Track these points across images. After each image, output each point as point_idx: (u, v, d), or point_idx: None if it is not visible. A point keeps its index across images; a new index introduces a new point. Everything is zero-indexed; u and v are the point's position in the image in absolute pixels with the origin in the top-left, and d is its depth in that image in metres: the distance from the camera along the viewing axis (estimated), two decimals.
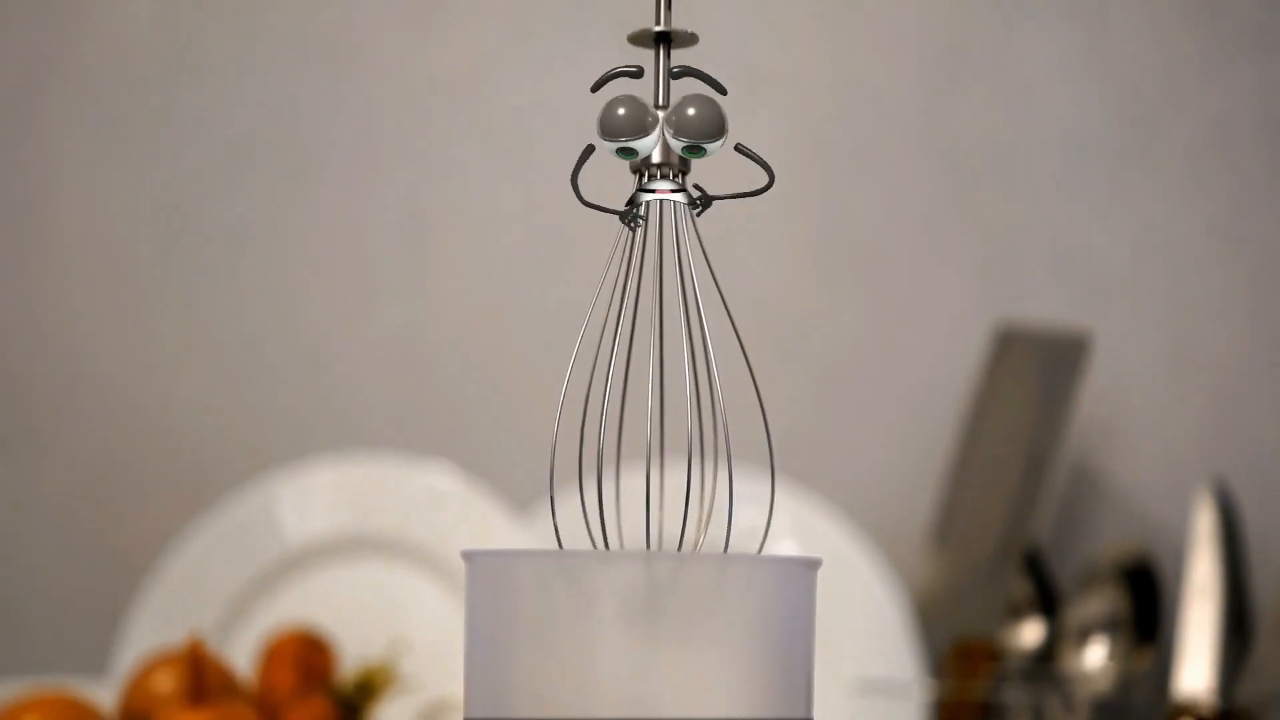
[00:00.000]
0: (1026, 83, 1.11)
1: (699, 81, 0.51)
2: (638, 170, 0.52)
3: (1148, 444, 1.07)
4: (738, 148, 0.52)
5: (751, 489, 1.05)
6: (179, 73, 1.23)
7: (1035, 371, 1.03)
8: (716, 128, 0.50)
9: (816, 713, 0.53)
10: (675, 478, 0.54)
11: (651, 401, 0.53)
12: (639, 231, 0.51)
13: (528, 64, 1.19)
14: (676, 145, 0.51)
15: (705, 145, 0.51)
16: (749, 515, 1.05)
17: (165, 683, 0.90)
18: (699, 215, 0.51)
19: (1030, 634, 0.99)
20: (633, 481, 0.52)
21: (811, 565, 0.52)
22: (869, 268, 1.13)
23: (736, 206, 0.54)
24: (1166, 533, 1.03)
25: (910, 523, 1.08)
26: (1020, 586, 1.00)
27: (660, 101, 0.52)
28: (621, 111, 0.50)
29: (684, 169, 0.52)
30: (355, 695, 0.93)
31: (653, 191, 0.50)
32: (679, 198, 0.51)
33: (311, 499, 1.09)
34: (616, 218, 0.52)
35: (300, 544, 1.08)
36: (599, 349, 0.52)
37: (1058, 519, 1.06)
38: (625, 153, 0.51)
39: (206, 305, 1.22)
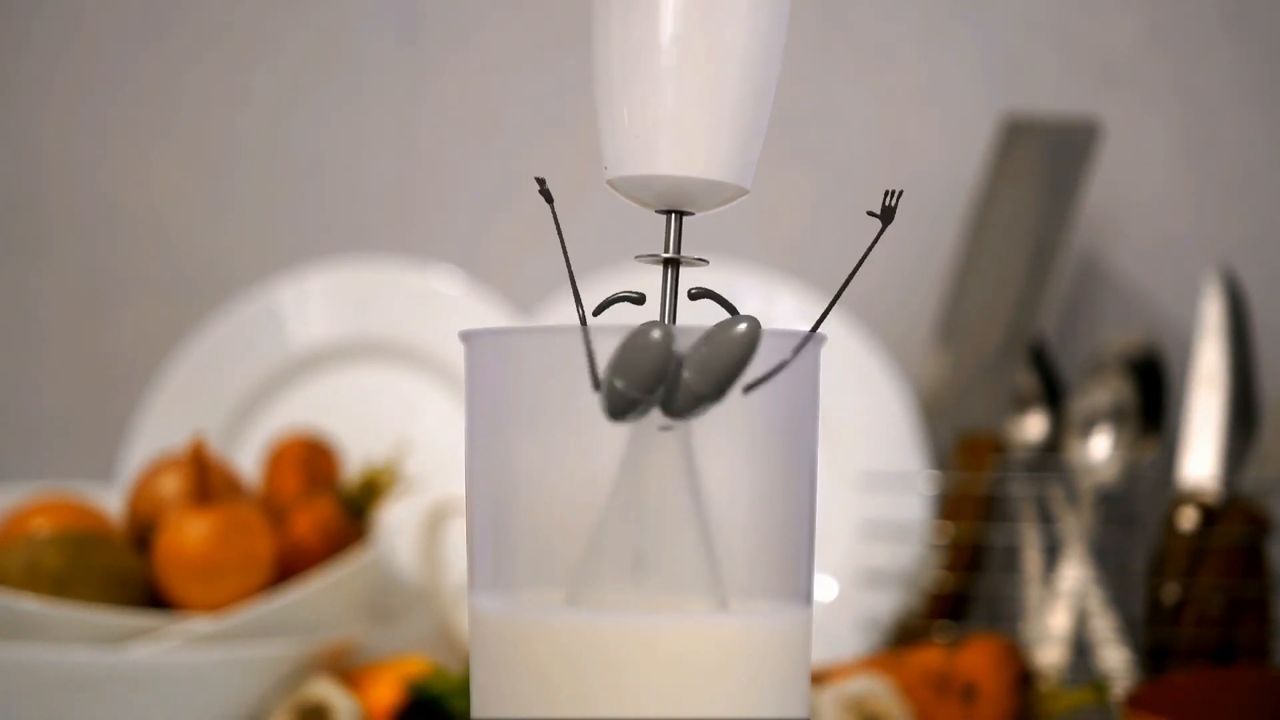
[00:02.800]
0: None
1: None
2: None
3: (1155, 234, 1.06)
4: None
5: (754, 285, 1.05)
6: None
7: (1042, 162, 1.02)
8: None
9: (822, 508, 0.53)
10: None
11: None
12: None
13: None
14: (697, 384, 0.47)
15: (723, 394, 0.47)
16: (753, 308, 1.04)
17: (170, 485, 0.91)
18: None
19: (1035, 426, 1.00)
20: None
21: (816, 341, 0.51)
22: (872, 60, 1.11)
23: None
24: (1173, 323, 1.03)
25: (916, 317, 1.08)
26: (1025, 379, 1.00)
27: (668, 323, 0.50)
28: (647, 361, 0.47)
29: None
30: (360, 497, 0.94)
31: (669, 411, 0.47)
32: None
33: (312, 303, 1.09)
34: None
35: (302, 348, 1.08)
36: None
37: (1064, 311, 1.06)
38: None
39: (201, 109, 1.20)
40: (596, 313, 0.51)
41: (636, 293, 0.51)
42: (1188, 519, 0.89)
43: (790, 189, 1.11)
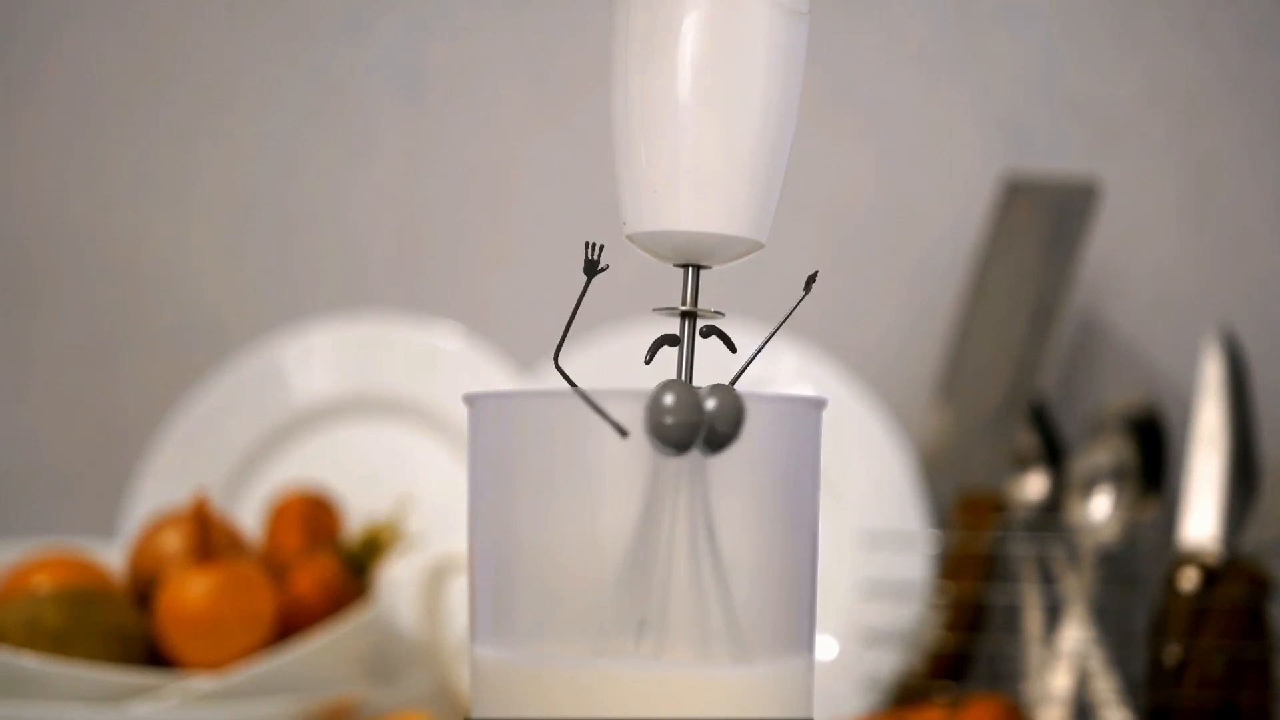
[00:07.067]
0: None
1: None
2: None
3: (1155, 293, 1.06)
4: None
5: (756, 343, 1.04)
6: None
7: (1043, 221, 1.02)
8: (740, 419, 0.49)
9: (822, 567, 0.53)
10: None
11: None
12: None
13: None
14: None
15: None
16: (754, 366, 1.05)
17: (172, 542, 0.91)
18: None
19: (1035, 485, 1.00)
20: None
21: (817, 405, 0.52)
22: (872, 117, 1.11)
23: None
24: (1173, 383, 1.03)
25: (916, 375, 1.08)
26: (1026, 438, 1.00)
27: (684, 376, 0.52)
28: (671, 407, 0.48)
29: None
30: (362, 553, 0.94)
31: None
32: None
33: (314, 359, 1.09)
34: None
35: (304, 404, 1.08)
36: None
37: (1064, 370, 1.06)
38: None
39: (204, 165, 1.21)
40: (648, 361, 0.51)
41: (674, 335, 0.52)
42: (1189, 579, 0.89)
43: (792, 246, 1.11)
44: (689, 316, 0.52)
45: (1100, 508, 0.96)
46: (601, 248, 0.51)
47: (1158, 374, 1.05)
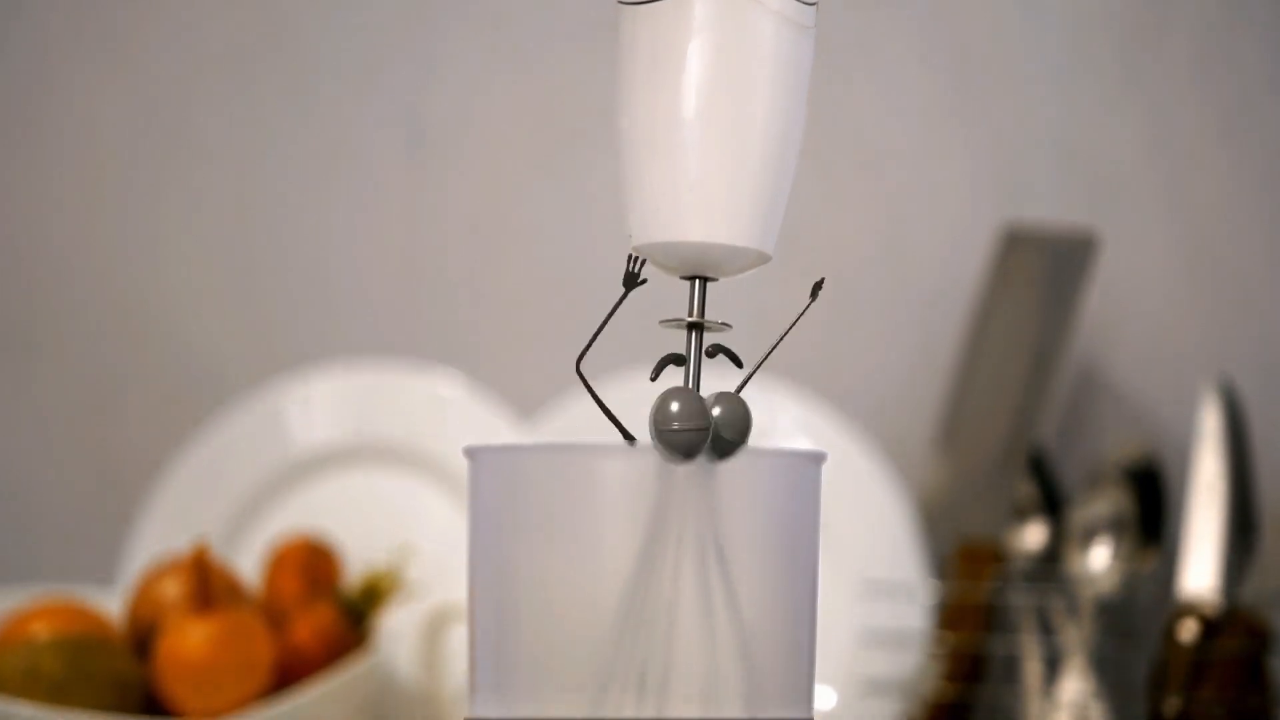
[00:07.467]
0: None
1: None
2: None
3: (1154, 344, 1.06)
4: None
5: (756, 392, 1.05)
6: None
7: (1041, 272, 1.02)
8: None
9: (822, 615, 0.53)
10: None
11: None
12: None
13: None
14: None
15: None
16: (755, 417, 1.04)
17: (171, 590, 0.91)
18: None
19: (1035, 536, 1.00)
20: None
21: (817, 459, 0.52)
22: (872, 167, 1.12)
23: None
24: (1172, 433, 1.03)
25: (915, 425, 1.08)
26: (1025, 488, 1.00)
27: (692, 386, 0.52)
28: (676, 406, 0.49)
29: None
30: (361, 602, 0.94)
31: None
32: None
33: (315, 407, 1.09)
34: None
35: (305, 452, 1.08)
36: None
37: (1063, 420, 1.06)
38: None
39: (207, 213, 1.21)
40: (654, 378, 0.51)
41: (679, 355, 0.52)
42: (1188, 630, 0.89)
43: (791, 296, 1.11)
44: (696, 328, 0.52)
45: (1099, 558, 0.96)
46: (643, 262, 0.51)
47: (1156, 424, 1.05)
